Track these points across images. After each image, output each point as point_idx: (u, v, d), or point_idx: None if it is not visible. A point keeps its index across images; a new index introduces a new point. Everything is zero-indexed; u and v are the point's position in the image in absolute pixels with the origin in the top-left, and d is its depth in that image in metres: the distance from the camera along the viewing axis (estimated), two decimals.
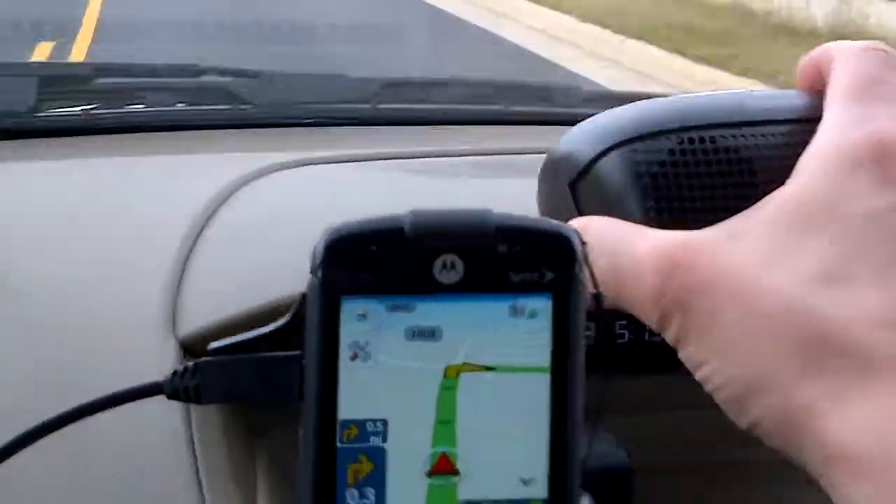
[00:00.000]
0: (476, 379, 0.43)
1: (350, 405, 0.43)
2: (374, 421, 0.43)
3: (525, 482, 0.43)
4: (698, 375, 0.42)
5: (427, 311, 0.43)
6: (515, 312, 0.44)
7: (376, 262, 0.43)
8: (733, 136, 0.54)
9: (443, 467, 0.43)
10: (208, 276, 0.71)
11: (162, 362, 0.63)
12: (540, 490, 0.43)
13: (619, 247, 0.46)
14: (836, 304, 0.40)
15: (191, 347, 0.65)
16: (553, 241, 0.44)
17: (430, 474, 0.43)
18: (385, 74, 1.21)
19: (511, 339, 0.43)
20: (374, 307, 0.43)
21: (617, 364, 0.68)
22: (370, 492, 0.43)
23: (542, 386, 0.43)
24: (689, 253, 0.44)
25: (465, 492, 0.43)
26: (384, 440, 0.43)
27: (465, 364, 0.43)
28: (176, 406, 0.61)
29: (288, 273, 0.50)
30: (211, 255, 0.74)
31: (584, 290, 0.44)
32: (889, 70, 0.45)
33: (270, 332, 0.48)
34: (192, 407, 0.62)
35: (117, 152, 1.01)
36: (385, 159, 0.88)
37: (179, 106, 1.14)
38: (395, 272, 0.43)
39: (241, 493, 0.61)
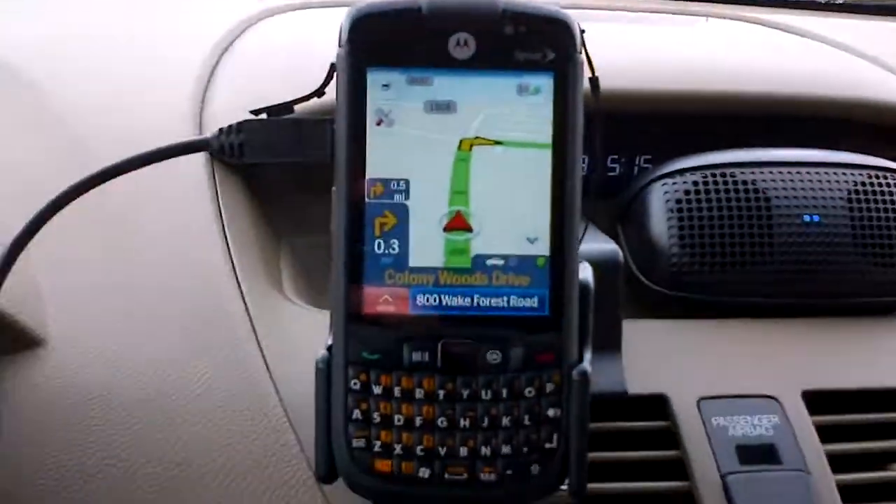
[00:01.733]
0: (487, 152, 0.49)
1: (376, 165, 0.49)
2: (397, 181, 0.49)
3: (531, 241, 0.49)
4: None
5: (443, 86, 0.49)
6: (521, 90, 0.49)
7: (397, 36, 0.49)
8: (752, 173, 0.68)
9: (458, 224, 0.49)
10: (232, 87, 0.75)
11: (189, 164, 0.68)
12: (543, 248, 0.49)
13: None
14: None
15: None
16: (554, 24, 0.49)
17: (447, 229, 0.49)
18: None
19: (518, 116, 0.49)
20: (396, 78, 0.49)
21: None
22: (395, 242, 0.49)
23: (544, 159, 0.49)
24: None
25: (477, 246, 0.49)
26: (406, 198, 0.49)
27: (477, 138, 0.49)
28: (207, 200, 0.66)
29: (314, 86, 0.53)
30: (234, 70, 0.78)
31: (583, 71, 0.49)
32: None
33: (304, 98, 0.53)
34: (223, 205, 0.67)
35: None
36: None
37: None
38: (414, 47, 0.49)
39: (270, 278, 0.66)
